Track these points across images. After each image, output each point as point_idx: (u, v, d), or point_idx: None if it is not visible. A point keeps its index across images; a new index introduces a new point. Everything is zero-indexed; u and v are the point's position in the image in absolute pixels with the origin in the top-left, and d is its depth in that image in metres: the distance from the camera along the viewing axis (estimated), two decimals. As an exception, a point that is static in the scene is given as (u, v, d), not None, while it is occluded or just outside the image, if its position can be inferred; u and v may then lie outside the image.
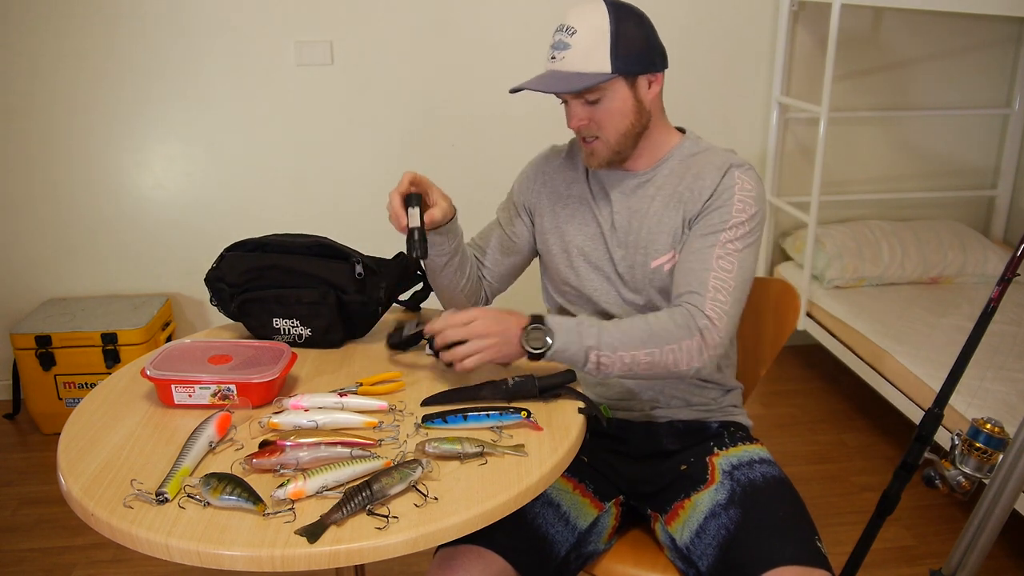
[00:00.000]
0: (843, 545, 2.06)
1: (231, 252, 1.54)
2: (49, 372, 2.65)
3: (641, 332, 1.30)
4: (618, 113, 1.38)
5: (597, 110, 1.37)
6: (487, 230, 1.61)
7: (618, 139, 1.40)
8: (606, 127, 1.39)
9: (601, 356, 1.29)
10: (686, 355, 1.30)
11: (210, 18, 2.72)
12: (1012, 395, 2.12)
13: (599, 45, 1.33)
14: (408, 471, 1.07)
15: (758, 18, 2.96)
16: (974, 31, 3.07)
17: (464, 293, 1.53)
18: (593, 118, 1.38)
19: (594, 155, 1.42)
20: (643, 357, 1.29)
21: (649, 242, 1.43)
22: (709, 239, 1.37)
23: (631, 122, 1.39)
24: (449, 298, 1.54)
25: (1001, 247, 3.04)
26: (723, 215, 1.37)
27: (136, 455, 1.16)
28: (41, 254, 2.88)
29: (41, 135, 2.76)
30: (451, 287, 1.51)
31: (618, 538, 1.45)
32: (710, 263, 1.35)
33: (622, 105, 1.37)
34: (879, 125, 3.15)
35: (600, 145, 1.41)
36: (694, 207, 1.40)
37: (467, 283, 1.52)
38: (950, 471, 1.28)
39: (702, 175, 1.42)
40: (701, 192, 1.40)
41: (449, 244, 1.46)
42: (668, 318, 1.32)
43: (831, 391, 2.99)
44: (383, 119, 2.89)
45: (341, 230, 1.97)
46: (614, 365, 1.30)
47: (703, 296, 1.32)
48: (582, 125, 1.39)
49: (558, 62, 1.35)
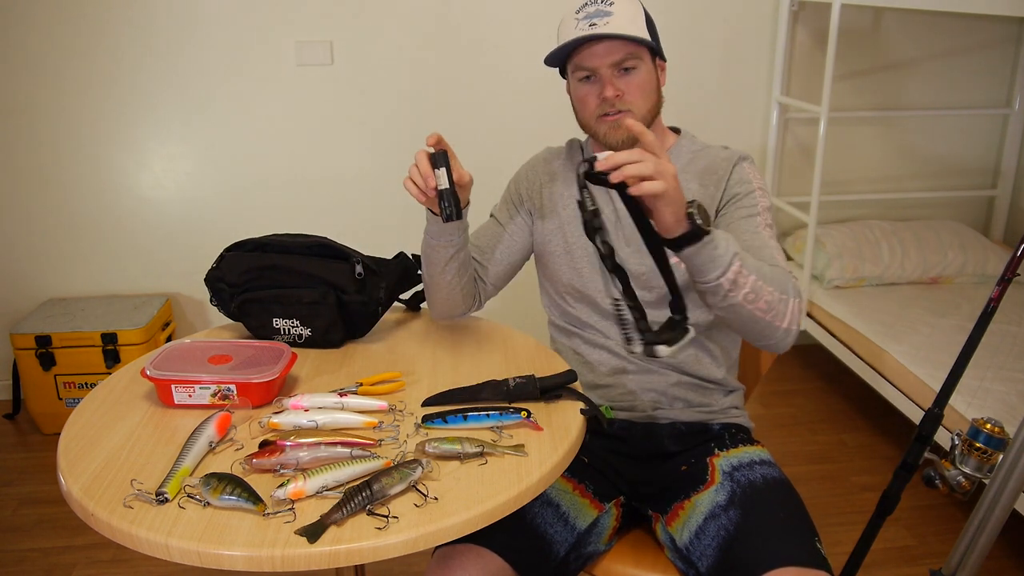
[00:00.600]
0: (843, 545, 2.06)
1: (231, 252, 1.54)
2: (49, 372, 2.65)
3: (770, 272, 1.25)
4: (648, 87, 1.40)
5: (630, 81, 1.38)
6: (483, 231, 1.59)
7: (644, 115, 1.41)
8: (638, 99, 1.39)
9: (742, 269, 1.19)
10: (791, 313, 1.26)
11: (210, 18, 2.72)
12: (1012, 395, 2.12)
13: (638, 15, 1.38)
14: (408, 471, 1.07)
15: (758, 18, 2.96)
16: (974, 31, 3.07)
17: (463, 293, 1.51)
18: (627, 89, 1.38)
19: (620, 127, 1.40)
20: (767, 294, 1.23)
21: None
22: (752, 221, 1.37)
23: (654, 101, 1.42)
24: (446, 299, 1.52)
25: (1001, 247, 3.04)
26: (752, 200, 1.40)
27: (136, 455, 1.16)
28: (41, 254, 2.88)
29: (41, 135, 2.76)
30: (451, 286, 1.49)
31: (618, 538, 1.45)
32: (767, 241, 1.34)
33: (650, 79, 1.40)
34: (879, 125, 3.15)
35: (629, 118, 1.39)
36: (712, 199, 1.42)
37: (467, 282, 1.51)
38: (950, 471, 1.28)
39: (712, 168, 1.44)
40: (717, 184, 1.43)
41: (459, 235, 1.44)
42: (784, 274, 1.27)
43: (831, 391, 2.99)
44: (383, 119, 2.89)
45: (341, 230, 1.97)
46: (745, 286, 1.20)
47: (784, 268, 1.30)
48: (618, 95, 1.38)
49: (600, 28, 1.35)
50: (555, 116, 1.50)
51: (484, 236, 1.58)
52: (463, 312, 1.56)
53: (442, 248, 1.44)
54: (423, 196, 1.34)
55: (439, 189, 1.31)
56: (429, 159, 1.31)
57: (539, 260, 1.59)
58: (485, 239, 1.57)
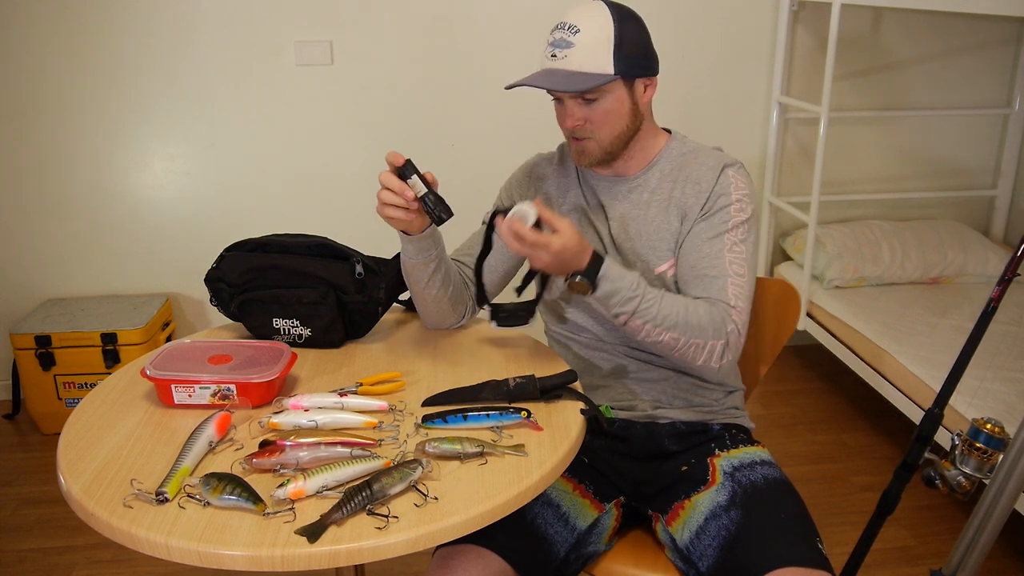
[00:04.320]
0: (843, 545, 2.06)
1: (231, 252, 1.54)
2: (49, 372, 2.65)
3: (677, 315, 1.31)
4: (615, 114, 1.37)
5: (594, 110, 1.36)
6: (475, 240, 1.55)
7: (611, 140, 1.40)
8: (601, 128, 1.38)
9: (630, 320, 1.31)
10: (707, 353, 1.33)
11: (210, 18, 2.72)
12: (1012, 395, 2.11)
13: (602, 45, 1.33)
14: (408, 471, 1.07)
15: (758, 18, 2.96)
16: (974, 31, 3.07)
17: (451, 303, 1.49)
18: (589, 118, 1.37)
19: (584, 153, 1.41)
20: (669, 339, 1.32)
21: (650, 249, 1.43)
22: (717, 243, 1.37)
23: (626, 124, 1.40)
24: (436, 311, 1.49)
25: (1001, 247, 3.04)
26: (724, 216, 1.38)
27: (136, 455, 1.16)
28: (41, 254, 2.88)
29: (41, 135, 2.76)
30: (438, 298, 1.46)
31: (618, 538, 1.45)
32: (725, 268, 1.37)
33: (619, 107, 1.37)
34: (879, 125, 3.15)
35: (592, 145, 1.40)
36: (693, 210, 1.41)
37: (454, 291, 1.48)
38: (950, 471, 1.28)
39: (696, 178, 1.42)
40: (698, 195, 1.41)
41: (435, 248, 1.40)
42: (707, 314, 1.33)
43: (831, 391, 2.99)
44: (383, 119, 2.89)
45: (341, 230, 1.97)
46: (640, 331, 1.32)
47: (729, 304, 1.34)
48: (577, 125, 1.38)
49: (559, 60, 1.34)
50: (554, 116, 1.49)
51: (475, 244, 1.53)
52: (455, 322, 1.54)
53: (422, 266, 1.41)
54: (404, 214, 1.30)
55: (419, 197, 1.29)
56: (395, 173, 1.29)
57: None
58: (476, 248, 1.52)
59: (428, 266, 1.41)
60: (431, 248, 1.40)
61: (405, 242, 1.40)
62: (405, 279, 1.47)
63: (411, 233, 1.37)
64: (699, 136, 1.55)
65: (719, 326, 1.32)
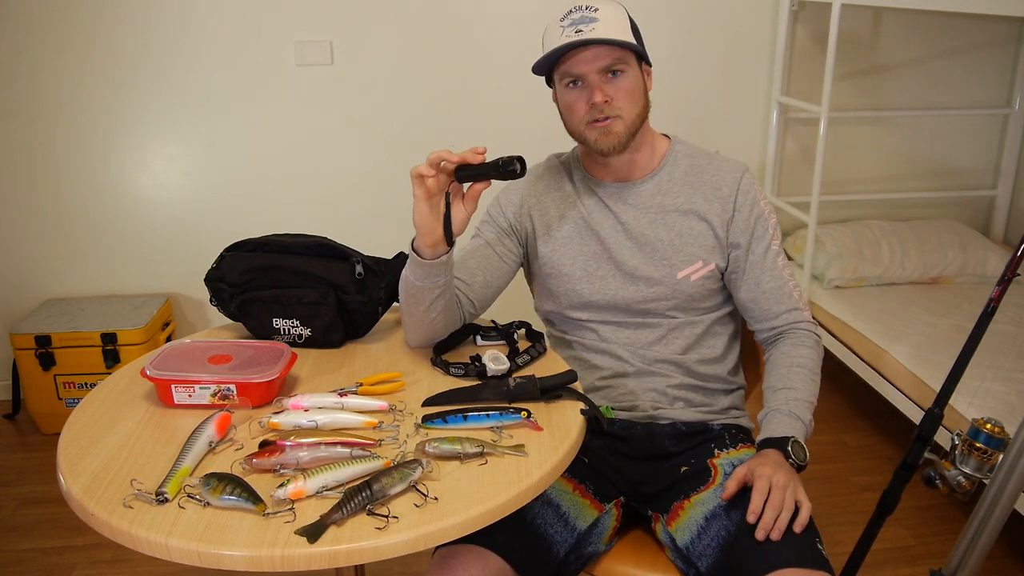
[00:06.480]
0: (843, 545, 2.06)
1: (231, 252, 1.54)
2: (49, 372, 2.65)
3: (813, 379, 1.44)
4: (636, 92, 1.41)
5: (619, 87, 1.38)
6: (468, 255, 1.52)
7: (633, 120, 1.41)
8: (626, 104, 1.39)
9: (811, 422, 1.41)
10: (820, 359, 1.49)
11: (210, 18, 2.72)
12: (1012, 395, 2.11)
13: (624, 20, 1.38)
14: (408, 471, 1.07)
15: (758, 18, 2.96)
16: (974, 31, 3.07)
17: (445, 324, 1.44)
18: (614, 95, 1.38)
19: (611, 133, 1.40)
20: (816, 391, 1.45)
21: (674, 252, 1.45)
22: (769, 255, 1.48)
23: (642, 106, 1.43)
24: (427, 333, 1.44)
25: (1001, 247, 3.04)
26: (763, 224, 1.48)
27: (136, 455, 1.16)
28: (41, 254, 2.88)
29: (41, 135, 2.76)
30: (434, 321, 1.42)
31: (618, 539, 1.45)
32: (783, 276, 1.48)
33: (639, 84, 1.41)
34: (879, 125, 3.15)
35: (619, 124, 1.39)
36: (722, 217, 1.46)
37: (451, 314, 1.44)
38: (950, 471, 1.28)
39: (716, 184, 1.47)
40: (723, 203, 1.47)
41: (445, 276, 1.37)
42: (812, 351, 1.46)
43: (831, 391, 2.98)
44: (383, 119, 2.89)
45: (341, 230, 1.97)
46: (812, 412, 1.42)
47: (800, 310, 1.48)
48: (606, 101, 1.38)
49: (587, 34, 1.35)
50: (555, 116, 1.49)
51: (471, 258, 1.52)
52: (443, 337, 1.49)
53: (427, 290, 1.37)
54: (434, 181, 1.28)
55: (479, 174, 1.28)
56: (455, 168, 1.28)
57: (543, 279, 1.54)
58: (473, 261, 1.51)
59: (434, 291, 1.38)
60: (441, 275, 1.36)
61: (415, 265, 1.35)
62: (402, 298, 1.42)
63: (424, 256, 1.34)
64: (699, 136, 1.56)
65: (816, 342, 1.48)
